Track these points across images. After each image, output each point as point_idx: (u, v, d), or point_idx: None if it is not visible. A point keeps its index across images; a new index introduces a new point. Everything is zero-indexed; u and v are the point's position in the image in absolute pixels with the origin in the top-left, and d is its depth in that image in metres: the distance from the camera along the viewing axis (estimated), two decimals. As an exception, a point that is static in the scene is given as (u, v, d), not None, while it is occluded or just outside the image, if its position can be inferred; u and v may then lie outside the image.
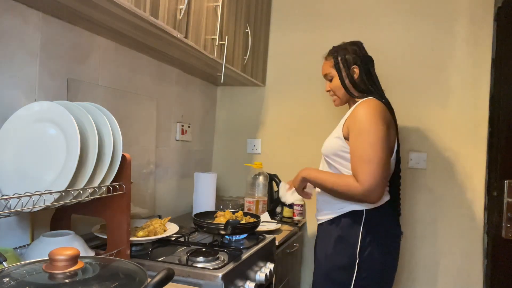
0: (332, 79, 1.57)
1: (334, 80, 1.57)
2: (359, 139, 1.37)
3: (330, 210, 1.49)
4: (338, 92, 1.57)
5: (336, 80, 1.56)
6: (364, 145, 1.35)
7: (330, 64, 1.58)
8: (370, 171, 1.31)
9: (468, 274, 2.06)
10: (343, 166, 1.46)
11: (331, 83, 1.59)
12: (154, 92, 1.88)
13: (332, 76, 1.57)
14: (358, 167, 1.34)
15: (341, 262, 1.42)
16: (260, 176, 2.09)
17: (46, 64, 1.27)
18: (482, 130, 2.05)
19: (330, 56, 1.59)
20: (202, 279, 1.15)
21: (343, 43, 1.60)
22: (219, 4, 1.71)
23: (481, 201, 2.05)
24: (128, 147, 1.66)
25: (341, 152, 1.45)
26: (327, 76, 1.59)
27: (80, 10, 1.21)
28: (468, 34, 2.08)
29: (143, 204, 1.81)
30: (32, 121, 1.04)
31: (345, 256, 1.41)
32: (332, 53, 1.59)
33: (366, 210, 1.42)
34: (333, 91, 1.58)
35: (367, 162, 1.32)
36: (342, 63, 1.54)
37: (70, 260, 0.70)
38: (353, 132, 1.40)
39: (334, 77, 1.57)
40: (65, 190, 0.95)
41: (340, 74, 1.54)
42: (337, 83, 1.56)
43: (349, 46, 1.57)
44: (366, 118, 1.38)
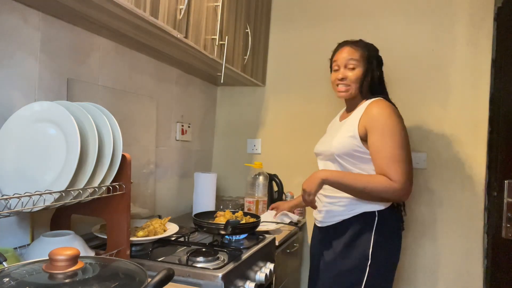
0: (355, 68, 1.49)
1: (356, 71, 1.49)
2: (386, 139, 1.37)
3: (340, 212, 1.46)
4: (354, 84, 1.50)
5: (358, 71, 1.49)
6: (393, 144, 1.36)
7: (361, 54, 1.50)
8: (403, 170, 1.34)
9: (468, 274, 2.06)
10: (355, 166, 1.44)
11: (351, 71, 1.49)
12: (154, 92, 1.88)
13: (356, 65, 1.49)
14: (389, 167, 1.34)
15: (353, 264, 1.42)
16: (260, 176, 2.09)
17: (46, 64, 1.27)
18: (482, 130, 2.05)
19: (361, 47, 1.52)
20: (202, 279, 1.15)
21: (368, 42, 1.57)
22: (219, 4, 1.71)
23: (481, 201, 2.05)
24: (128, 147, 1.66)
25: (355, 152, 1.43)
26: (350, 63, 1.49)
27: (80, 10, 1.21)
28: (468, 34, 2.08)
29: (143, 204, 1.81)
30: (32, 121, 1.04)
31: (356, 258, 1.42)
32: (364, 45, 1.53)
33: (378, 211, 1.43)
34: (350, 81, 1.49)
35: (398, 161, 1.35)
36: (375, 60, 1.51)
37: (70, 260, 0.70)
38: (375, 132, 1.38)
39: (357, 68, 1.49)
40: (65, 190, 0.95)
41: (368, 68, 1.50)
42: (358, 75, 1.49)
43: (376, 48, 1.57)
44: (390, 118, 1.39)
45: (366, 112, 1.44)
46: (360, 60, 1.49)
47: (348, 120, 1.51)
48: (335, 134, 1.53)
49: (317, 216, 1.59)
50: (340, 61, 1.51)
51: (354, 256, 1.43)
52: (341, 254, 1.44)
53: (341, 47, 1.55)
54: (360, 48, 1.51)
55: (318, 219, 1.57)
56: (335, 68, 1.54)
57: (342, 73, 1.50)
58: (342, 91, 1.52)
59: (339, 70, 1.51)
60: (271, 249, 1.61)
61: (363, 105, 1.49)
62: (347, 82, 1.50)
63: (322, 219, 1.55)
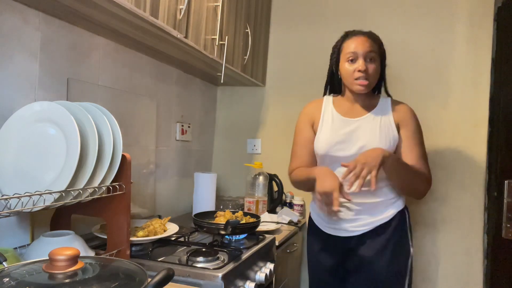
0: (375, 62, 1.40)
1: (376, 65, 1.41)
2: (418, 137, 1.44)
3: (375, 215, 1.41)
4: (373, 78, 1.41)
5: (378, 66, 1.42)
6: (422, 145, 1.45)
7: (378, 48, 1.42)
8: (429, 169, 1.44)
9: (468, 274, 2.06)
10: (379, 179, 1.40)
11: (372, 64, 1.39)
12: (154, 92, 1.89)
13: (375, 59, 1.40)
14: (424, 163, 1.42)
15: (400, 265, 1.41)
16: (260, 176, 2.09)
17: (46, 64, 1.27)
18: (482, 130, 2.05)
19: (377, 40, 1.44)
20: (202, 279, 1.15)
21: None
22: (219, 4, 1.71)
23: (481, 201, 2.05)
24: (128, 147, 1.66)
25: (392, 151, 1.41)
26: (370, 55, 1.39)
27: (80, 10, 1.21)
28: (468, 34, 2.08)
29: (143, 204, 1.81)
30: (32, 121, 1.04)
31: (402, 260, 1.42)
32: (376, 36, 1.45)
33: (406, 208, 1.49)
34: (370, 74, 1.39)
35: (425, 159, 1.44)
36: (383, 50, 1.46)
37: (70, 260, 0.70)
38: (410, 129, 1.43)
39: (376, 61, 1.41)
40: (65, 190, 0.95)
41: (383, 62, 1.45)
42: (378, 69, 1.42)
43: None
44: (417, 118, 1.47)
45: (397, 110, 1.45)
46: (378, 53, 1.42)
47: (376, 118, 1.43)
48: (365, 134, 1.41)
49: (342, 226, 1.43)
50: (360, 51, 1.37)
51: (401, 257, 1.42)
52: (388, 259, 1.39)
53: (355, 36, 1.42)
54: (377, 41, 1.44)
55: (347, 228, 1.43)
56: (350, 57, 1.39)
57: (363, 64, 1.37)
58: (363, 84, 1.38)
59: (357, 61, 1.38)
60: (271, 249, 1.61)
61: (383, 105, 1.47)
62: (369, 76, 1.38)
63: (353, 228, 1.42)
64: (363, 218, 1.41)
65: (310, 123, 1.53)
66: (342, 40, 1.46)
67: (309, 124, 1.53)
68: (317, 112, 1.52)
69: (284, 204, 2.27)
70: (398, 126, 1.44)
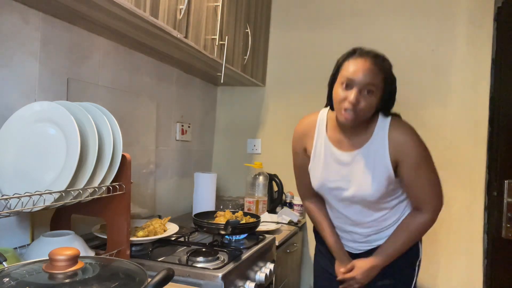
0: (373, 94, 1.18)
1: (373, 98, 1.18)
2: (423, 169, 1.26)
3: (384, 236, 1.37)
4: (364, 114, 1.20)
5: (375, 99, 1.19)
6: (427, 172, 1.28)
7: (383, 77, 1.20)
8: (438, 193, 1.30)
9: (468, 274, 2.06)
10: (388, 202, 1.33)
11: (367, 98, 1.17)
12: (154, 92, 1.88)
13: (375, 91, 1.18)
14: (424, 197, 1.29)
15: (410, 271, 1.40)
16: (260, 176, 2.09)
17: (46, 64, 1.27)
18: (482, 130, 2.05)
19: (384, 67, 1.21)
20: (202, 279, 1.15)
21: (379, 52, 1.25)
22: (219, 4, 1.71)
23: (481, 201, 2.05)
24: (128, 147, 1.66)
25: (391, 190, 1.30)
26: (367, 87, 1.17)
27: (80, 10, 1.21)
28: (468, 34, 2.08)
29: (143, 204, 1.81)
30: (32, 121, 1.04)
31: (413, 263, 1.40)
32: (385, 63, 1.22)
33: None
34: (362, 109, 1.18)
35: (433, 189, 1.29)
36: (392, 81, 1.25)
37: (70, 260, 0.70)
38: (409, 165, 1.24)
39: (375, 94, 1.19)
40: (65, 190, 0.95)
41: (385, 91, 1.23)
42: (374, 103, 1.19)
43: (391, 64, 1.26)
44: (421, 146, 1.26)
45: (394, 143, 1.24)
46: (380, 84, 1.19)
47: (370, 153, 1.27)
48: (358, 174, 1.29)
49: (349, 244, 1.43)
50: (356, 80, 1.17)
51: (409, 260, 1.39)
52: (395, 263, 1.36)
53: (360, 57, 1.19)
54: (382, 69, 1.20)
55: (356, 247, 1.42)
56: (346, 82, 1.18)
57: (356, 97, 1.16)
58: (348, 121, 1.19)
59: (351, 90, 1.17)
60: (271, 249, 1.61)
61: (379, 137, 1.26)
62: (358, 110, 1.18)
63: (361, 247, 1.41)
64: (372, 239, 1.39)
65: (302, 148, 1.41)
66: (346, 56, 1.24)
67: (302, 150, 1.42)
68: (310, 137, 1.38)
69: (284, 204, 2.27)
70: (396, 162, 1.25)
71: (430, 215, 1.30)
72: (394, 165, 1.25)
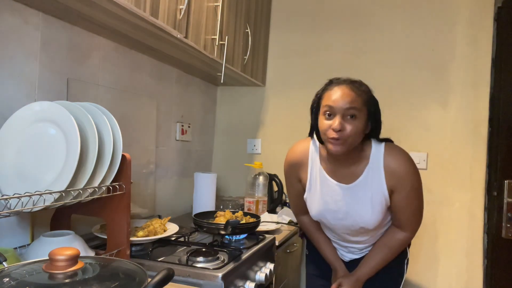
0: (356, 119, 1.17)
1: (358, 122, 1.17)
2: (412, 198, 1.29)
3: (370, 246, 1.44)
4: (353, 139, 1.19)
5: (360, 123, 1.18)
6: (417, 201, 1.32)
7: (364, 100, 1.19)
8: (418, 220, 1.36)
9: (468, 274, 2.06)
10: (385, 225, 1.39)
11: (351, 123, 1.17)
12: (154, 92, 1.88)
13: (357, 115, 1.17)
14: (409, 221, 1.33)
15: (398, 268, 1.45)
16: (260, 176, 2.09)
17: (46, 64, 1.27)
18: (482, 130, 2.05)
19: (362, 90, 1.21)
20: (202, 279, 1.15)
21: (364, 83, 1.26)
22: (219, 4, 1.71)
23: (481, 201, 2.05)
24: (128, 147, 1.66)
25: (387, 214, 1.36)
26: (349, 112, 1.16)
27: (80, 10, 1.21)
28: (468, 34, 2.08)
29: (143, 204, 1.81)
30: (32, 121, 1.04)
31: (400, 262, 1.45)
32: (363, 87, 1.22)
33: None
34: (349, 135, 1.17)
35: (417, 214, 1.34)
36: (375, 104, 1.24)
37: (70, 260, 0.70)
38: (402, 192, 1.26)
39: (359, 118, 1.18)
40: (65, 190, 0.95)
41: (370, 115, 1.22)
42: (360, 128, 1.18)
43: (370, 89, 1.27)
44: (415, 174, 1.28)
45: (390, 172, 1.25)
46: (362, 108, 1.19)
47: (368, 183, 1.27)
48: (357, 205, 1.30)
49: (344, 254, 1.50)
50: (337, 107, 1.16)
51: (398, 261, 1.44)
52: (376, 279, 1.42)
53: (337, 86, 1.21)
54: (362, 92, 1.20)
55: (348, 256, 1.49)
56: (328, 111, 1.19)
57: (340, 123, 1.15)
58: (337, 149, 1.18)
59: (335, 117, 1.17)
60: (271, 249, 1.61)
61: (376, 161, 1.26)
62: (345, 137, 1.17)
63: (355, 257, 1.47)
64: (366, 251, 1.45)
65: (297, 178, 1.41)
66: (324, 88, 1.25)
67: (296, 179, 1.42)
68: (304, 167, 1.38)
69: (284, 204, 2.27)
70: (392, 190, 1.27)
71: (410, 234, 1.35)
72: (390, 192, 1.28)
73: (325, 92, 1.23)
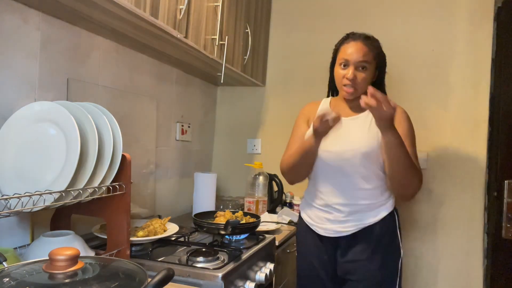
0: (366, 70, 1.40)
1: (367, 73, 1.40)
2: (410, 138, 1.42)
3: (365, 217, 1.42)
4: (361, 86, 1.40)
5: (369, 74, 1.41)
6: (414, 145, 1.43)
7: (374, 55, 1.41)
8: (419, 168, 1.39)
9: (468, 274, 2.06)
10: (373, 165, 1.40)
11: (362, 73, 1.39)
12: (154, 92, 1.88)
13: (368, 67, 1.40)
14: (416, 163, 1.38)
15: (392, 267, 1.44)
16: (260, 176, 2.09)
17: (46, 64, 1.27)
18: (482, 130, 2.05)
19: (374, 46, 1.43)
20: (202, 279, 1.15)
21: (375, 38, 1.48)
22: (219, 4, 1.71)
23: (481, 201, 2.05)
24: (128, 147, 1.66)
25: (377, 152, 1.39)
26: (361, 64, 1.39)
27: (80, 10, 1.21)
28: (468, 34, 2.08)
29: (143, 204, 1.81)
30: (32, 121, 1.04)
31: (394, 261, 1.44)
32: (374, 43, 1.44)
33: (395, 210, 1.49)
34: (359, 83, 1.39)
35: (416, 160, 1.40)
36: (383, 58, 1.46)
37: (70, 260, 0.70)
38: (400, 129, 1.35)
39: (369, 69, 1.40)
40: (65, 190, 0.95)
41: (381, 69, 1.46)
42: (368, 77, 1.41)
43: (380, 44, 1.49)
44: (410, 122, 1.46)
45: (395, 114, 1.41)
46: (372, 61, 1.41)
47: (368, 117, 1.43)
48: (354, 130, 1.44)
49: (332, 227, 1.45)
50: (351, 60, 1.39)
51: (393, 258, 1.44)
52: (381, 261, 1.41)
53: (352, 41, 1.42)
54: (373, 48, 1.42)
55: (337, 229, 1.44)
56: (343, 63, 1.42)
57: (353, 73, 1.39)
58: (350, 92, 1.42)
59: (348, 68, 1.40)
60: (271, 249, 1.61)
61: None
62: (356, 84, 1.40)
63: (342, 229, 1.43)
64: (353, 219, 1.42)
65: (306, 120, 1.58)
66: (341, 41, 1.47)
67: (305, 121, 1.58)
68: (314, 111, 1.56)
69: (284, 204, 2.27)
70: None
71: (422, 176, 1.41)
72: None
73: (342, 46, 1.45)
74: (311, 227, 1.52)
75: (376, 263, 1.41)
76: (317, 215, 1.49)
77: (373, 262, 1.41)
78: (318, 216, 1.49)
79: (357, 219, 1.42)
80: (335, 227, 1.44)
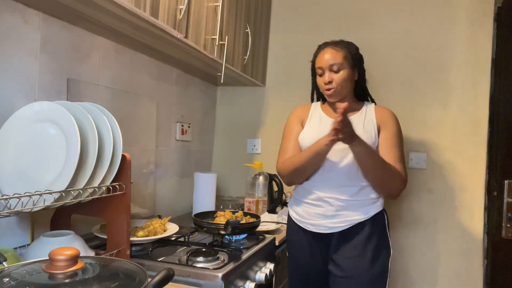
0: (340, 70, 1.46)
1: (342, 73, 1.46)
2: (398, 140, 1.49)
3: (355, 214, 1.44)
4: (343, 85, 1.47)
5: (344, 73, 1.46)
6: (401, 148, 1.49)
7: (344, 55, 1.47)
8: (405, 169, 1.46)
9: (468, 274, 2.06)
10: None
11: (336, 74, 1.46)
12: (154, 92, 1.88)
13: (340, 67, 1.46)
14: (401, 164, 1.45)
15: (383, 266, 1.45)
16: (260, 176, 2.09)
17: (46, 64, 1.27)
18: (482, 130, 2.05)
19: (340, 47, 1.49)
20: (202, 279, 1.15)
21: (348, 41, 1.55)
22: (219, 4, 1.71)
23: (481, 201, 2.05)
24: (128, 147, 1.66)
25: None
26: (334, 67, 1.46)
27: (80, 10, 1.21)
28: (468, 34, 2.08)
29: (143, 204, 1.81)
30: (32, 121, 1.04)
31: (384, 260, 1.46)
32: (343, 45, 1.50)
33: (384, 209, 1.51)
34: (337, 83, 1.46)
35: (402, 162, 1.46)
36: (357, 58, 1.51)
37: (70, 260, 0.70)
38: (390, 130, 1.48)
39: (342, 69, 1.47)
40: (65, 190, 0.95)
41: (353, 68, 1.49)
42: (344, 76, 1.47)
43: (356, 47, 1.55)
44: (398, 124, 1.52)
45: (380, 113, 1.53)
46: (344, 61, 1.47)
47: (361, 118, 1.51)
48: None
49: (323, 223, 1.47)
50: (324, 65, 1.48)
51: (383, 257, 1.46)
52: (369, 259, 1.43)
53: (322, 50, 1.51)
54: (342, 48, 1.48)
55: (327, 225, 1.46)
56: (320, 72, 1.51)
57: (328, 76, 1.47)
58: (331, 93, 1.49)
59: (324, 74, 1.48)
60: (271, 249, 1.61)
61: (368, 109, 1.55)
62: (334, 84, 1.47)
63: (332, 225, 1.46)
64: (343, 215, 1.45)
65: (299, 121, 1.63)
66: (315, 54, 1.56)
67: (298, 122, 1.63)
68: (306, 113, 1.64)
69: (284, 204, 2.27)
70: (379, 127, 1.50)
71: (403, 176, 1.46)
72: (378, 126, 1.50)
73: (316, 58, 1.55)
74: (301, 225, 1.53)
75: (366, 260, 1.43)
76: (307, 211, 1.51)
77: (364, 259, 1.43)
78: (308, 212, 1.51)
79: (347, 215, 1.45)
80: (325, 223, 1.47)
